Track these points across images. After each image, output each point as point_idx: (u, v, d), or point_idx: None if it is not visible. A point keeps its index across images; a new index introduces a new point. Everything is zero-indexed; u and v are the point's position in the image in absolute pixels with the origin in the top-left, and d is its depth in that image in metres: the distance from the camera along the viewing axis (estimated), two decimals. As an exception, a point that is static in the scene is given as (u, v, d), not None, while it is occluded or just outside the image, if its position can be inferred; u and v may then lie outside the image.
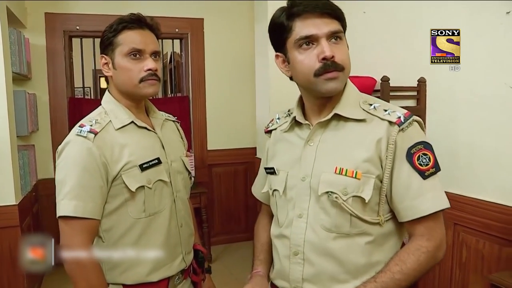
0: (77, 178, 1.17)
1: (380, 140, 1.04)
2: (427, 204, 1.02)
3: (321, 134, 1.11)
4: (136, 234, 1.26)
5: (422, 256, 1.02)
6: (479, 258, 1.93)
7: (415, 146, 1.04)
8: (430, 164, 1.03)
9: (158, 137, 1.34)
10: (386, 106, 1.09)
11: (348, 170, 1.04)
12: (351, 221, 1.05)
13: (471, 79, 1.95)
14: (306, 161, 1.11)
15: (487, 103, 1.90)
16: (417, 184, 1.03)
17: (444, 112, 2.11)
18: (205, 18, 3.89)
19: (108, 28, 1.27)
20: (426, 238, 1.03)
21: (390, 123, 1.05)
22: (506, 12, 1.76)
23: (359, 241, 1.06)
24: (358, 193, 1.04)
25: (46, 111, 3.49)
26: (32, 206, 3.08)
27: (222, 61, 3.90)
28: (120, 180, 1.22)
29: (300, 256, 1.10)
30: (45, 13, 3.42)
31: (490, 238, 1.88)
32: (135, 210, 1.25)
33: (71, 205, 1.16)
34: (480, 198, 1.95)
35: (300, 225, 1.10)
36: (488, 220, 1.88)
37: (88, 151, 1.18)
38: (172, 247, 1.33)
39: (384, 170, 1.04)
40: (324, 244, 1.07)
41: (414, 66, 2.23)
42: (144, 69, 1.25)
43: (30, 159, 3.14)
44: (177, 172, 1.37)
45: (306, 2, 1.05)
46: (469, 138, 1.99)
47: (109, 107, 1.30)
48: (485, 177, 1.94)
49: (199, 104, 3.95)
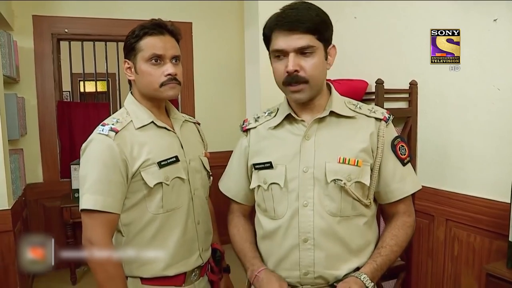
0: (98, 173, 1.23)
1: (372, 134, 1.23)
2: (409, 186, 1.26)
3: (316, 129, 1.24)
4: (154, 229, 1.30)
5: (409, 229, 1.27)
6: (471, 251, 2.02)
7: (396, 139, 1.26)
8: (406, 153, 1.27)
9: (177, 136, 1.39)
10: (368, 106, 1.29)
11: (350, 159, 1.20)
12: (353, 204, 1.21)
13: (461, 81, 2.04)
14: (306, 154, 1.22)
15: (476, 104, 1.99)
16: (400, 170, 1.25)
17: (435, 114, 2.20)
18: (193, 22, 3.92)
19: (130, 33, 1.33)
20: (408, 214, 1.28)
21: (377, 119, 1.25)
22: (493, 19, 1.87)
23: (358, 222, 1.22)
24: (359, 179, 1.20)
25: (35, 114, 3.46)
26: (22, 211, 3.03)
27: (211, 65, 3.94)
28: (139, 176, 1.27)
29: (310, 242, 1.19)
30: (33, 16, 3.40)
31: (481, 232, 1.97)
32: (154, 206, 1.30)
33: (92, 199, 1.21)
34: (470, 194, 2.03)
35: (307, 213, 1.20)
36: (478, 214, 1.98)
37: (108, 148, 1.24)
38: (189, 243, 1.37)
39: (375, 159, 1.23)
40: (331, 227, 1.19)
41: (405, 69, 2.32)
42: (164, 73, 1.31)
43: (20, 163, 3.09)
44: (195, 171, 1.42)
45: (280, 17, 1.15)
46: (459, 138, 2.09)
47: (130, 108, 1.36)
48: (474, 174, 2.03)
49: (188, 107, 3.97)
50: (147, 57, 1.30)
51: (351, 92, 2.26)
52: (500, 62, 1.88)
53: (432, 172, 2.21)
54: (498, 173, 1.91)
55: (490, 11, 1.88)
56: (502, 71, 1.87)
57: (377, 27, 2.53)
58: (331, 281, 1.20)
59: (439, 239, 2.18)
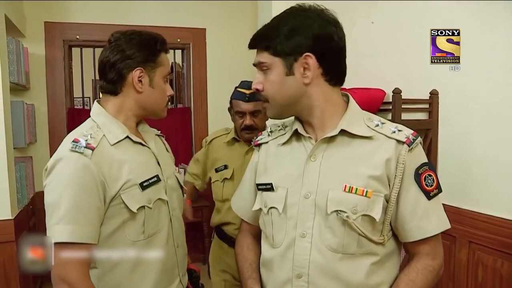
0: (74, 199, 1.07)
1: (390, 159, 1.03)
2: (433, 225, 1.05)
3: (325, 149, 1.07)
4: (134, 258, 1.17)
5: (430, 275, 1.05)
6: (497, 278, 1.84)
7: (421, 167, 1.05)
8: (434, 185, 1.06)
9: (152, 152, 1.27)
10: (392, 125, 1.09)
11: (358, 189, 1.02)
12: (359, 241, 1.02)
13: (484, 91, 1.89)
14: (309, 178, 1.07)
15: (501, 115, 1.83)
16: (424, 204, 1.04)
17: (457, 125, 2.04)
18: (207, 28, 3.85)
19: (147, 41, 1.23)
20: (432, 257, 1.07)
21: (398, 142, 1.04)
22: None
23: (364, 262, 1.03)
24: (367, 212, 1.01)
25: (45, 122, 3.43)
26: (29, 220, 2.99)
27: (225, 72, 3.84)
28: (118, 200, 1.13)
29: (304, 279, 1.04)
30: (44, 22, 3.38)
31: (509, 258, 1.80)
32: (133, 232, 1.17)
33: (68, 230, 1.05)
34: (496, 215, 1.87)
35: (304, 245, 1.04)
36: (506, 238, 1.80)
37: (85, 168, 1.08)
38: (170, 270, 1.27)
39: (392, 189, 1.03)
40: (330, 265, 1.02)
41: (426, 77, 2.16)
42: (167, 94, 1.28)
43: (28, 171, 3.06)
44: (172, 190, 1.31)
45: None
46: (483, 151, 1.92)
47: (100, 121, 1.20)
48: (501, 192, 1.86)
49: (201, 115, 3.89)
50: (165, 74, 1.26)
51: (367, 102, 2.12)
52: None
53: (454, 189, 2.03)
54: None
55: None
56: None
57: (396, 33, 2.38)
58: None
59: (461, 262, 2.00)
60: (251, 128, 1.88)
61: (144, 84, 1.21)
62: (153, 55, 1.22)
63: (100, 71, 1.24)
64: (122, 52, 1.20)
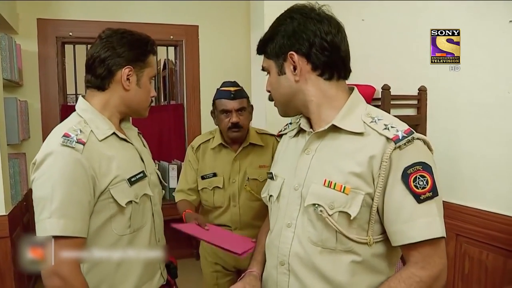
0: (66, 193, 1.08)
1: (374, 156, 0.99)
2: (418, 231, 0.95)
3: (319, 143, 1.09)
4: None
5: (414, 285, 0.95)
6: (483, 270, 1.89)
7: (412, 166, 0.97)
8: (428, 187, 0.96)
9: (135, 149, 1.31)
10: (388, 121, 1.03)
11: (336, 184, 1.00)
12: (337, 237, 1.01)
13: (472, 87, 1.93)
14: (300, 170, 1.09)
15: (489, 111, 1.87)
16: (410, 207, 0.96)
17: (445, 121, 2.08)
18: (200, 25, 3.86)
19: (138, 42, 1.26)
20: (421, 266, 0.96)
21: (388, 139, 0.99)
22: (509, 20, 1.74)
23: (344, 259, 1.01)
24: (344, 208, 0.99)
25: (38, 118, 3.43)
26: (22, 216, 2.99)
27: (217, 69, 3.85)
28: (107, 194, 1.16)
29: (285, 267, 1.08)
30: (37, 19, 3.37)
31: (495, 250, 1.84)
32: (120, 226, 1.19)
33: (60, 224, 1.07)
34: (482, 209, 1.91)
35: (288, 234, 1.08)
36: (492, 231, 1.85)
37: (77, 163, 1.10)
38: (152, 263, 1.30)
39: (376, 188, 0.99)
40: (310, 257, 1.04)
41: (414, 74, 2.20)
42: (151, 95, 1.33)
43: (21, 167, 3.06)
44: (154, 186, 1.34)
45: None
46: (471, 147, 1.97)
47: (87, 116, 1.22)
48: (487, 186, 1.91)
49: (194, 111, 3.91)
50: (152, 75, 1.30)
51: (357, 97, 2.15)
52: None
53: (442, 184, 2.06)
54: (512, 186, 1.78)
55: (504, 12, 1.76)
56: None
57: (386, 30, 2.42)
58: None
59: (449, 255, 2.04)
60: (237, 126, 1.88)
61: (131, 82, 1.24)
62: (143, 55, 1.25)
63: (88, 65, 1.25)
64: (113, 49, 1.22)
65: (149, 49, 1.28)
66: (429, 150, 1.03)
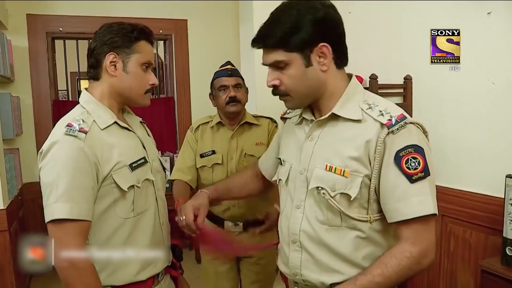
0: (71, 179, 1.14)
1: (369, 141, 1.06)
2: (410, 208, 1.02)
3: (321, 130, 1.16)
4: (124, 235, 1.26)
5: (405, 260, 1.01)
6: (467, 247, 2.01)
7: (404, 149, 1.03)
8: (419, 168, 1.03)
9: (138, 137, 1.36)
10: (383, 107, 1.09)
11: (337, 168, 1.09)
12: (341, 216, 1.10)
13: (456, 76, 2.02)
14: (305, 155, 1.17)
15: (471, 99, 1.98)
16: (403, 187, 1.03)
17: (430, 109, 2.18)
18: (188, 19, 3.90)
19: (125, 29, 1.27)
20: (411, 242, 1.03)
21: (382, 125, 1.06)
22: (487, 12, 1.85)
23: (349, 234, 1.11)
24: (345, 190, 1.08)
25: (30, 114, 3.45)
26: (18, 210, 3.03)
27: (206, 62, 3.87)
28: (110, 180, 1.21)
29: (298, 244, 1.17)
30: (27, 15, 3.38)
31: (477, 228, 1.96)
32: (124, 210, 1.25)
33: (66, 208, 1.12)
34: (465, 190, 2.03)
35: (298, 215, 1.17)
36: (474, 210, 1.97)
37: (80, 150, 1.15)
38: (157, 245, 1.35)
39: (372, 170, 1.07)
40: (318, 234, 1.13)
41: (400, 64, 2.30)
42: (149, 82, 1.31)
43: (15, 163, 3.09)
44: (157, 171, 1.40)
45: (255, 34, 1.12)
46: (454, 133, 2.07)
47: (90, 107, 1.27)
48: (469, 169, 2.02)
49: (184, 105, 3.96)
50: (142, 62, 1.28)
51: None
52: (495, 56, 1.86)
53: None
54: (493, 168, 1.89)
55: (483, 4, 1.86)
56: (497, 65, 1.86)
57: (372, 22, 2.51)
58: (319, 287, 1.15)
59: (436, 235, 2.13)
60: (235, 100, 1.96)
61: (118, 68, 1.27)
62: (129, 42, 1.27)
63: (87, 59, 1.33)
64: (100, 38, 1.28)
65: (136, 36, 1.27)
66: (422, 133, 1.10)
